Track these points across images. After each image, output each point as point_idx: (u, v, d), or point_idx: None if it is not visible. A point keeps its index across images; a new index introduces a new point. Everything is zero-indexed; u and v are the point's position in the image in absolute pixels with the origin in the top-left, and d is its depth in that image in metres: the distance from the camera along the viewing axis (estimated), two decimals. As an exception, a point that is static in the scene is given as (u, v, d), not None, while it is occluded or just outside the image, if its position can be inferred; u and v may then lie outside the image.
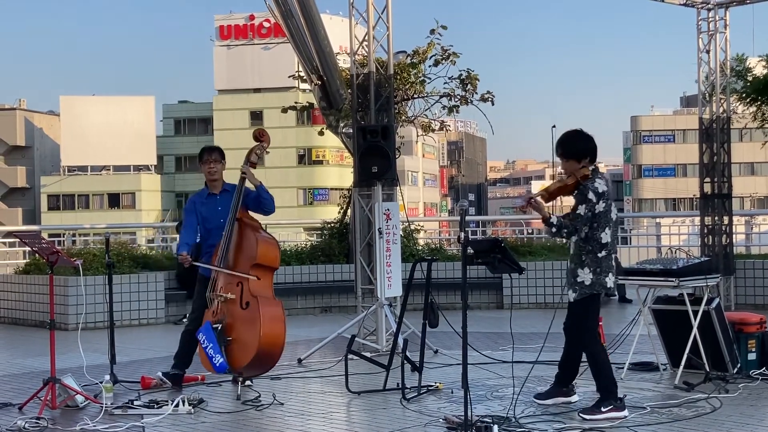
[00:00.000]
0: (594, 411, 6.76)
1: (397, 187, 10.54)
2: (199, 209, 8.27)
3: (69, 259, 8.11)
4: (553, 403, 7.19)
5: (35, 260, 13.77)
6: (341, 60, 15.37)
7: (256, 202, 8.16)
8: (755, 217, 20.50)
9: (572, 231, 6.83)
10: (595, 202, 6.79)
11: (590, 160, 6.94)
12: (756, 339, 8.27)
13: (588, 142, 6.97)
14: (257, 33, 67.85)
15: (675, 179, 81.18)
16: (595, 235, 6.84)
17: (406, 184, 69.65)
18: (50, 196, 68.48)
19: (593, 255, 6.86)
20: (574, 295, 6.95)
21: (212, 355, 7.66)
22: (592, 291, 6.90)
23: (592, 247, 6.86)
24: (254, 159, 8.21)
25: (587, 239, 6.85)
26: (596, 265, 6.86)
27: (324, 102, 13.66)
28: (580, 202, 6.83)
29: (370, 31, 10.64)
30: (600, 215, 6.81)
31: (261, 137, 8.27)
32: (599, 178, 6.92)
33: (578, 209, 6.83)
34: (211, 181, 8.29)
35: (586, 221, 6.80)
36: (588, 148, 6.95)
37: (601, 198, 6.81)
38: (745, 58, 14.28)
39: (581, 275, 6.90)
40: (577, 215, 6.82)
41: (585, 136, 7.02)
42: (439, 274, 13.69)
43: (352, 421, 7.20)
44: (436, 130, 17.61)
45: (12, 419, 7.01)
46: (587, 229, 6.82)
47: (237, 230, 7.96)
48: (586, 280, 6.88)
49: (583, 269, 6.88)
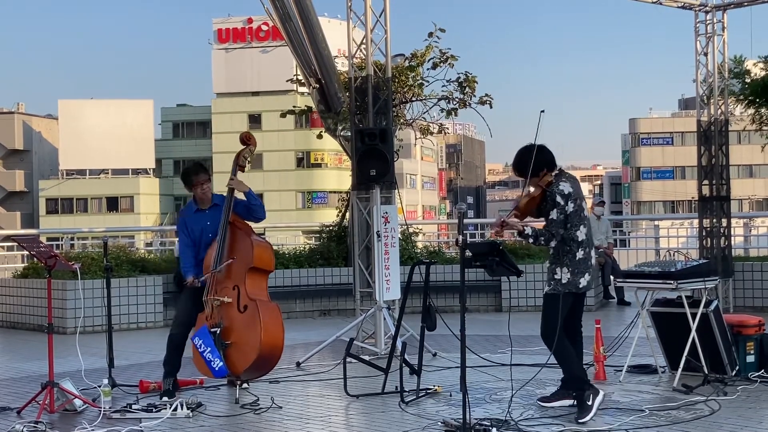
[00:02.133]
0: (585, 410, 6.84)
1: (395, 190, 10.54)
2: (189, 225, 8.16)
3: (67, 262, 8.10)
4: (559, 405, 7.20)
5: (33, 264, 13.76)
6: (339, 63, 15.37)
7: (246, 210, 8.10)
8: (753, 220, 20.54)
9: (549, 237, 7.01)
10: (564, 204, 6.96)
11: (548, 169, 7.08)
12: (754, 341, 8.27)
13: (539, 155, 7.06)
14: (255, 36, 67.92)
15: (673, 182, 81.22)
16: (571, 235, 7.02)
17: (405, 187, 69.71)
18: (49, 200, 68.52)
19: (572, 255, 7.04)
20: (548, 289, 7.14)
21: (210, 359, 7.65)
22: (566, 289, 7.05)
23: (570, 247, 7.03)
24: (242, 162, 8.19)
25: (564, 240, 7.03)
26: (574, 266, 7.04)
27: (322, 105, 13.65)
28: (550, 207, 6.99)
29: (368, 34, 10.65)
30: (572, 215, 7.00)
31: (248, 140, 8.26)
32: (563, 181, 7.07)
33: (551, 214, 6.99)
34: (202, 200, 8.18)
35: (560, 224, 6.98)
36: (540, 160, 7.05)
37: (569, 198, 6.99)
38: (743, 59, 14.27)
39: (559, 273, 7.07)
40: (551, 220, 6.99)
41: (530, 149, 7.09)
42: (437, 276, 13.68)
43: (350, 425, 7.19)
44: (435, 133, 17.62)
45: (10, 423, 6.99)
46: (563, 230, 6.99)
47: (230, 234, 7.93)
48: (563, 278, 7.05)
49: (561, 268, 7.06)
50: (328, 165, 66.63)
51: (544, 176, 7.06)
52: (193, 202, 8.26)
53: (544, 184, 7.05)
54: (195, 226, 8.12)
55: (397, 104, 14.94)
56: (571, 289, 7.06)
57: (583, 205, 7.12)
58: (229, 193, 8.00)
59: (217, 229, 7.99)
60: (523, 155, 7.11)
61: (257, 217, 8.18)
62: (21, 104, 72.84)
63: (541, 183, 7.06)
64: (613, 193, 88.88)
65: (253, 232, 8.07)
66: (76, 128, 65.71)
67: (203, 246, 8.10)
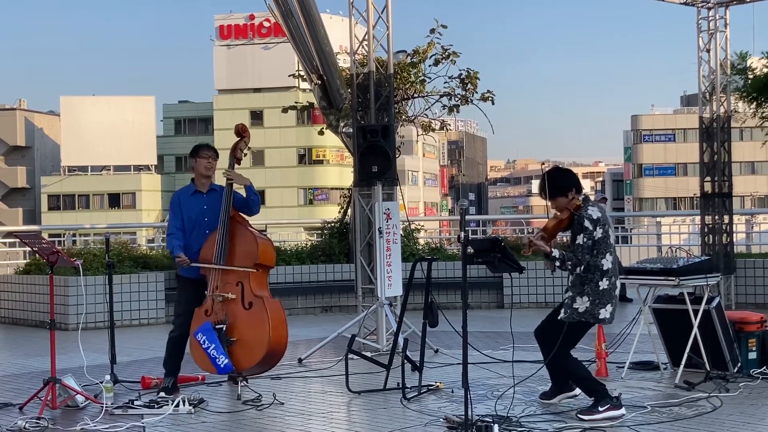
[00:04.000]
0: (592, 411, 6.75)
1: (397, 187, 10.54)
2: (183, 206, 8.06)
3: (69, 259, 8.10)
4: (559, 400, 7.22)
5: (35, 260, 13.76)
6: (341, 59, 15.37)
7: (244, 204, 8.07)
8: (756, 216, 20.51)
9: (576, 262, 6.83)
10: (592, 230, 6.79)
11: (576, 191, 6.97)
12: (756, 338, 8.26)
13: (566, 177, 7.02)
14: (257, 33, 67.85)
15: (675, 178, 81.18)
16: (597, 263, 6.82)
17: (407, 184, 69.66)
18: (50, 196, 68.50)
19: (594, 285, 6.84)
20: (564, 316, 6.95)
21: (215, 356, 7.62)
22: (581, 318, 6.89)
23: (593, 275, 6.83)
24: (239, 155, 8.17)
25: (588, 267, 6.83)
26: (596, 296, 6.84)
27: (324, 101, 13.66)
28: (578, 232, 6.85)
29: (370, 30, 10.64)
30: (599, 242, 6.81)
31: (243, 133, 8.24)
32: (591, 206, 6.94)
33: (577, 239, 6.84)
34: (204, 177, 8.07)
35: (588, 250, 6.80)
36: (569, 182, 6.98)
37: (597, 224, 6.81)
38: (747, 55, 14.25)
39: (578, 302, 6.89)
40: (578, 245, 6.83)
41: (562, 173, 7.07)
42: (439, 273, 13.70)
43: (352, 421, 7.19)
44: (437, 130, 17.61)
45: (12, 419, 7.01)
46: (589, 256, 6.81)
47: (232, 229, 7.88)
48: (580, 308, 6.87)
49: (582, 298, 6.87)
50: (330, 161, 66.57)
51: (572, 199, 6.93)
52: (192, 184, 8.17)
53: (573, 207, 6.91)
54: (191, 208, 8.02)
55: (398, 101, 14.93)
56: (588, 319, 6.87)
57: (610, 232, 6.90)
58: (228, 186, 7.96)
59: (213, 215, 7.91)
60: (553, 177, 6.98)
61: (253, 211, 8.14)
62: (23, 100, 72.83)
63: (570, 206, 6.92)
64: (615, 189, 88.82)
65: (252, 227, 8.05)
66: (78, 125, 65.69)
67: (197, 230, 8.00)
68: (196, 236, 8.02)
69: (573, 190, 6.95)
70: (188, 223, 8.04)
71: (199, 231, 8.00)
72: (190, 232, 8.04)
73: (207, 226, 7.98)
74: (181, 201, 8.11)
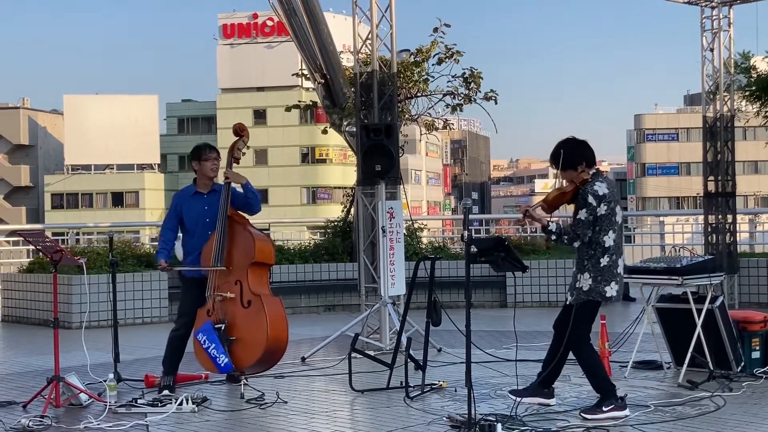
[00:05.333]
0: (595, 410, 6.72)
1: (400, 186, 10.54)
2: (184, 208, 8.07)
3: (73, 257, 8.11)
4: (530, 402, 7.06)
5: (39, 259, 13.77)
6: (344, 58, 15.39)
7: (244, 203, 8.06)
8: (759, 216, 20.48)
9: (574, 237, 6.70)
10: (596, 206, 6.64)
11: (587, 165, 6.79)
12: (760, 337, 8.26)
13: (579, 148, 6.82)
14: (260, 32, 67.89)
15: (678, 177, 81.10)
16: (598, 239, 6.70)
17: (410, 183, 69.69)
18: (54, 195, 68.60)
19: (595, 261, 6.73)
20: (571, 299, 6.88)
21: (216, 355, 7.64)
22: (588, 297, 6.78)
23: (594, 251, 6.72)
24: (237, 154, 8.17)
25: (590, 243, 6.71)
26: (597, 272, 6.73)
27: (327, 100, 13.66)
28: (580, 206, 6.69)
29: (373, 29, 10.64)
30: (602, 218, 6.67)
31: (241, 132, 8.25)
32: (600, 181, 6.76)
33: (579, 214, 6.69)
34: (208, 179, 8.07)
35: (588, 225, 6.66)
36: (580, 154, 6.79)
37: (603, 200, 6.66)
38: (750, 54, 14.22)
39: (581, 281, 6.80)
40: (578, 220, 6.68)
41: (576, 143, 6.87)
42: (442, 272, 13.68)
43: (355, 420, 7.20)
44: (440, 129, 17.63)
45: (16, 417, 7.01)
46: (590, 232, 6.68)
47: (230, 228, 7.90)
48: (584, 286, 6.78)
49: (583, 274, 6.78)
50: (333, 160, 66.60)
51: (581, 172, 6.76)
52: (192, 185, 8.17)
53: (579, 181, 6.75)
54: (191, 209, 8.03)
55: (402, 100, 14.93)
56: (596, 297, 6.75)
57: (617, 209, 6.73)
58: (226, 186, 7.94)
59: (214, 216, 7.92)
60: (565, 147, 6.79)
61: (253, 209, 8.14)
62: (26, 99, 72.94)
63: (576, 179, 6.76)
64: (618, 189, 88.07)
65: (251, 226, 8.06)
66: (81, 123, 65.76)
67: (199, 231, 8.01)
68: (199, 237, 8.04)
69: (583, 164, 6.76)
70: (190, 225, 8.07)
71: (203, 232, 8.02)
72: (193, 233, 8.07)
73: (210, 227, 7.99)
74: (180, 202, 8.14)
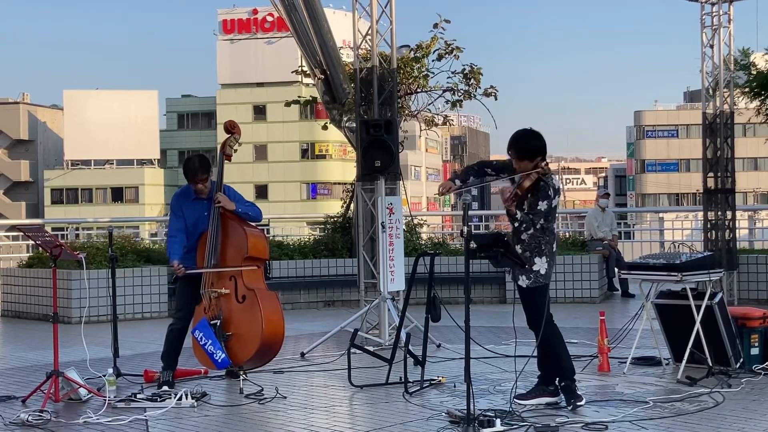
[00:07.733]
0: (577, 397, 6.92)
1: (400, 182, 10.54)
2: (185, 210, 8.10)
3: (72, 252, 8.11)
4: (536, 403, 7.06)
5: (39, 254, 13.78)
6: (344, 54, 15.38)
7: (243, 216, 8.06)
8: (758, 212, 20.47)
9: (530, 224, 6.97)
10: (552, 197, 6.97)
11: (541, 158, 7.03)
12: (759, 334, 8.26)
13: (539, 140, 7.07)
14: (260, 27, 67.89)
15: (678, 174, 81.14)
16: (550, 227, 7.04)
17: (410, 179, 69.71)
18: (54, 190, 68.64)
19: (551, 246, 7.05)
20: (528, 282, 7.02)
21: (212, 351, 7.65)
22: (546, 281, 7.03)
23: (549, 237, 7.03)
24: (229, 152, 8.17)
25: (544, 230, 6.99)
26: (551, 257, 7.04)
27: (327, 96, 13.65)
28: (542, 197, 6.94)
29: (373, 25, 10.63)
30: (554, 209, 7.04)
31: (233, 129, 8.26)
32: (553, 175, 7.15)
33: (539, 205, 6.93)
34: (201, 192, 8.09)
35: (543, 215, 6.96)
36: (539, 146, 7.04)
37: (557, 194, 7.07)
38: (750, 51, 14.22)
39: (538, 264, 6.98)
40: (538, 210, 6.93)
41: (535, 134, 7.10)
42: (442, 268, 13.68)
43: (354, 415, 7.20)
44: (440, 125, 17.61)
45: (15, 412, 7.02)
46: (543, 221, 6.97)
47: (223, 225, 7.92)
48: (541, 269, 6.98)
49: (541, 258, 6.99)
50: (333, 156, 66.63)
51: (540, 164, 6.98)
52: (190, 187, 8.16)
53: (541, 173, 6.98)
54: (192, 214, 8.07)
55: (402, 95, 14.92)
56: (547, 281, 7.06)
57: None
58: (216, 210, 7.88)
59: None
60: (527, 137, 7.05)
61: (257, 220, 8.25)
62: (26, 94, 72.90)
63: (537, 171, 6.97)
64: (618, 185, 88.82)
65: (245, 222, 8.06)
66: (81, 119, 65.79)
67: (197, 234, 8.05)
68: (196, 237, 8.08)
69: (539, 158, 7.02)
70: (190, 227, 8.10)
71: (199, 236, 8.06)
72: (192, 235, 8.10)
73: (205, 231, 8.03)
74: (182, 205, 8.15)
